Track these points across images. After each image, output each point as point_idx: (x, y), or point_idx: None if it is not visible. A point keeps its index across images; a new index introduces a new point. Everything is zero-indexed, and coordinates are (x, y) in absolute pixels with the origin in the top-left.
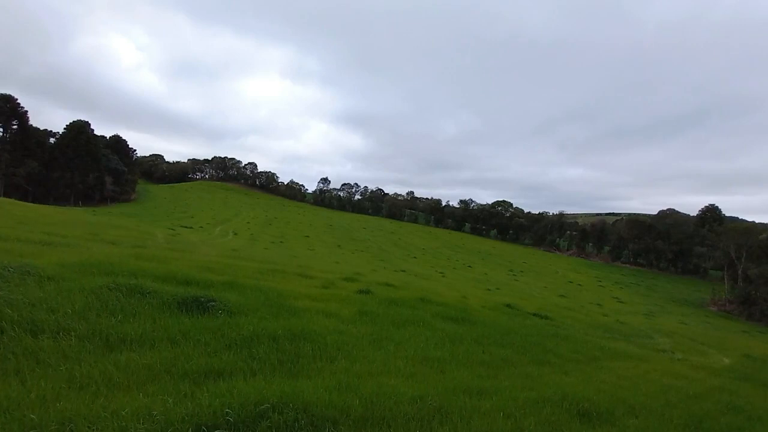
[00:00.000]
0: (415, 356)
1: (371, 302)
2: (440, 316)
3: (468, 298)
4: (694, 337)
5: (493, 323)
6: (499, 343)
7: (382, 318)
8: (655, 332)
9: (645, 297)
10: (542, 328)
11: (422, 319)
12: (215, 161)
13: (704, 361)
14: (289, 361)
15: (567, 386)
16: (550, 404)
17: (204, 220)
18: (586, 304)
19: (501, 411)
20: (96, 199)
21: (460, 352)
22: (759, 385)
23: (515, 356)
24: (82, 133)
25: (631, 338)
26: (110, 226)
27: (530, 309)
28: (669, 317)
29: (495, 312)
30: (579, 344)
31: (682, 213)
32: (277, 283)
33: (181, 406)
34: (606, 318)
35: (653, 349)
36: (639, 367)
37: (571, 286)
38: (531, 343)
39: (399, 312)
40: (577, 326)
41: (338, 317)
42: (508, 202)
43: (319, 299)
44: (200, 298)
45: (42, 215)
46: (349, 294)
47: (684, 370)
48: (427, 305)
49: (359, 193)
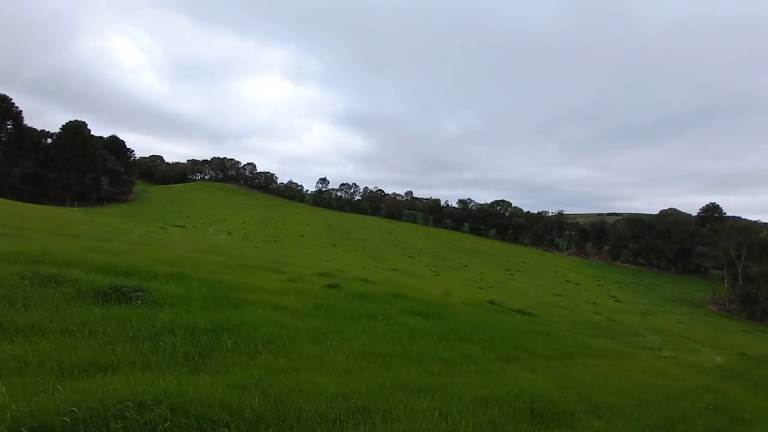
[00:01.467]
0: (360, 351)
1: (335, 296)
2: (409, 311)
3: (451, 295)
4: (687, 336)
5: (467, 319)
6: (466, 338)
7: (339, 312)
8: (647, 330)
9: (644, 296)
10: (521, 324)
11: (386, 314)
12: (214, 162)
13: (694, 359)
14: (198, 354)
15: (528, 384)
16: (501, 403)
17: (199, 220)
18: (581, 303)
19: (439, 410)
20: (93, 199)
21: (416, 347)
22: (750, 384)
23: (481, 352)
24: (78, 134)
25: (619, 336)
26: (85, 222)
27: (516, 306)
28: (666, 316)
29: (475, 308)
30: (557, 341)
31: (684, 213)
32: (238, 276)
33: (21, 404)
34: (597, 316)
35: (640, 347)
36: (618, 365)
37: (568, 285)
38: (503, 339)
39: (362, 306)
40: (562, 323)
41: (289, 310)
42: (507, 202)
43: (278, 293)
44: (123, 288)
45: (13, 210)
46: (314, 288)
47: (669, 369)
48: (399, 300)
49: (358, 193)
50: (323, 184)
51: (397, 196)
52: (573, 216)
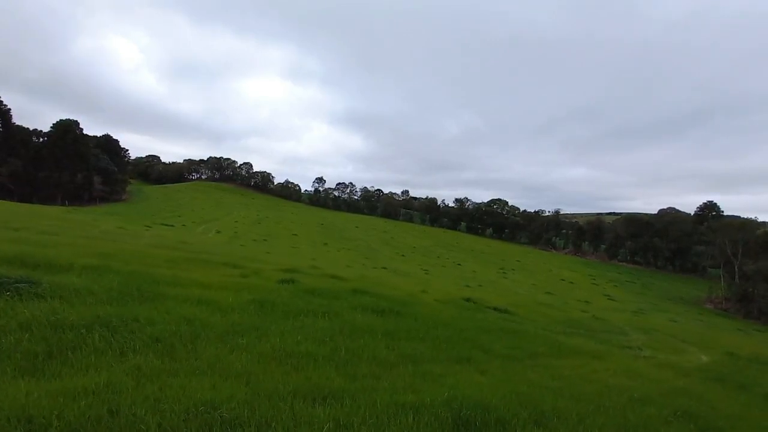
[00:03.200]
0: (275, 351)
1: (282, 292)
2: (363, 308)
3: (427, 293)
4: (675, 335)
5: (429, 317)
6: (418, 337)
7: (276, 308)
8: (634, 329)
9: (639, 295)
10: (491, 322)
11: (333, 310)
12: (211, 162)
13: (676, 359)
14: (46, 354)
15: (469, 388)
16: (422, 411)
17: (190, 219)
18: (572, 301)
19: (335, 421)
20: (85, 198)
21: (352, 346)
22: (733, 386)
23: (429, 352)
24: (69, 132)
25: (599, 334)
26: (51, 218)
27: (495, 304)
28: (659, 315)
29: (446, 306)
30: (525, 339)
31: (683, 212)
32: (178, 271)
33: None
34: (584, 314)
35: (619, 346)
36: (587, 366)
37: (562, 284)
38: (462, 338)
39: (309, 302)
40: (539, 321)
41: (214, 305)
42: (504, 201)
43: (214, 287)
44: (3, 279)
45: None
46: (265, 283)
47: (644, 369)
48: (357, 296)
49: (355, 192)
50: (320, 183)
51: (393, 195)
52: (572, 216)
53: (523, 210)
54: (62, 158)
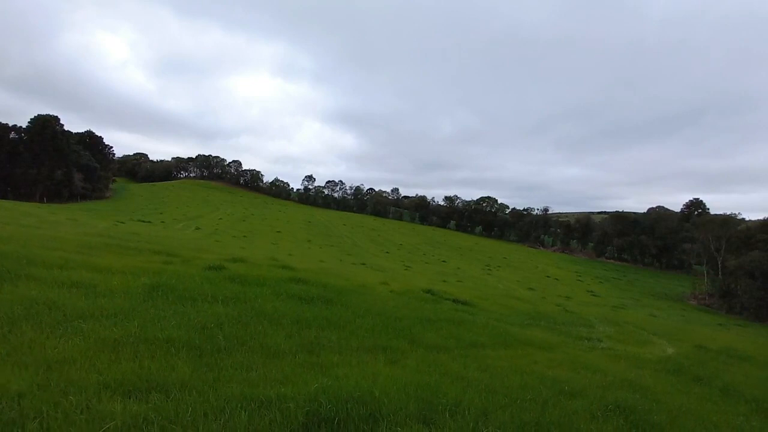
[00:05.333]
0: (122, 338)
1: (192, 278)
2: (288, 296)
3: (388, 284)
4: (647, 328)
5: (362, 305)
6: (338, 325)
7: (171, 293)
8: (603, 322)
9: (623, 291)
10: (438, 312)
11: (243, 297)
12: (199, 159)
13: (637, 351)
14: None
15: (359, 379)
16: (269, 406)
17: (172, 217)
18: (552, 297)
19: (135, 417)
20: (65, 196)
21: (236, 334)
22: (689, 379)
23: (340, 341)
24: (47, 128)
25: (560, 326)
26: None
27: (458, 296)
28: (640, 310)
29: (400, 297)
30: (470, 330)
31: (671, 210)
32: (87, 256)
33: None
34: (555, 308)
35: (576, 337)
36: (529, 356)
37: (546, 280)
38: (390, 328)
39: (218, 288)
40: (500, 313)
41: (91, 289)
42: (494, 199)
43: (112, 272)
44: None
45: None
46: (184, 270)
47: (594, 361)
48: (289, 284)
49: (344, 190)
50: (309, 181)
51: (383, 193)
52: (564, 214)
53: (513, 208)
54: (40, 154)
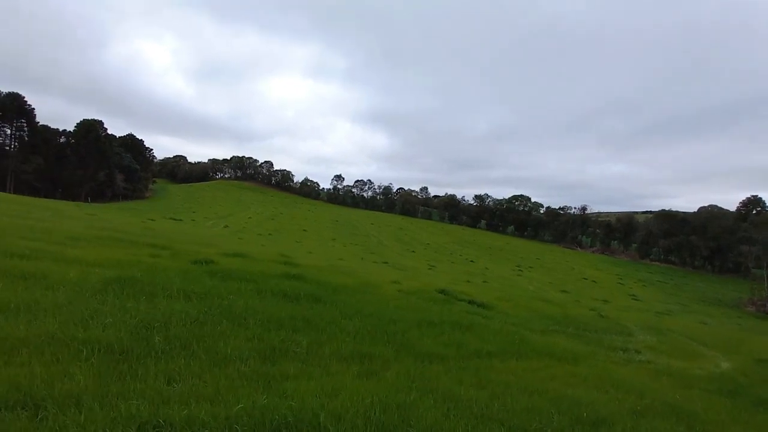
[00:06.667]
0: (35, 337)
1: (167, 271)
2: (271, 293)
3: (399, 283)
4: (696, 337)
5: (354, 305)
6: (318, 327)
7: (131, 287)
8: (644, 329)
9: (669, 296)
10: (446, 314)
11: (213, 293)
12: (234, 161)
13: (684, 365)
14: None
15: (309, 397)
16: None
17: (203, 215)
18: (587, 300)
19: None
20: (108, 196)
21: (178, 335)
22: (750, 403)
23: (312, 346)
24: (91, 131)
25: (591, 334)
26: (26, 205)
27: (479, 298)
28: (687, 317)
29: (408, 296)
30: (480, 336)
31: (725, 209)
32: (68, 247)
33: None
34: (589, 312)
35: (609, 347)
36: (546, 370)
37: (583, 282)
38: (380, 331)
39: (190, 283)
40: (520, 317)
41: (43, 281)
42: (527, 197)
43: (83, 263)
44: None
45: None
46: (168, 263)
47: (629, 377)
48: (277, 281)
49: (373, 189)
50: (338, 181)
51: (412, 193)
52: (604, 214)
53: (548, 207)
54: (85, 156)
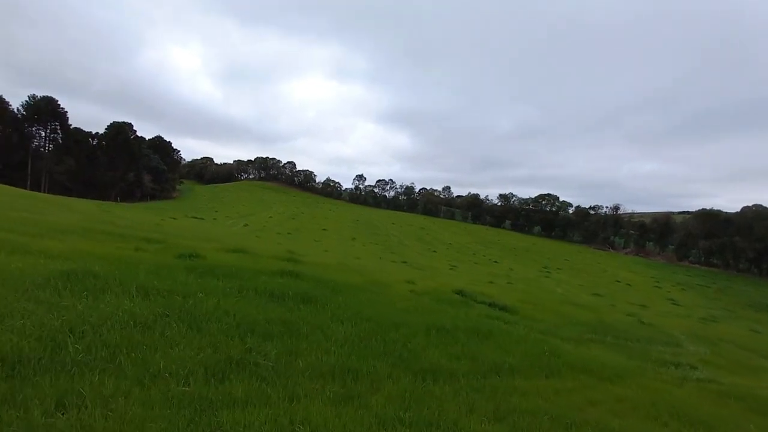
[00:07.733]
0: None
1: (142, 266)
2: (256, 291)
3: (414, 283)
4: (754, 348)
5: (353, 306)
6: (300, 334)
7: (83, 283)
8: (693, 339)
9: (712, 300)
10: (463, 319)
11: (188, 291)
12: (257, 162)
13: (749, 383)
14: None
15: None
16: None
17: (225, 214)
18: (622, 304)
19: None
20: (137, 196)
21: (111, 342)
22: None
23: (283, 359)
24: (120, 133)
25: (634, 344)
26: (46, 203)
27: (500, 300)
28: (736, 323)
29: (422, 298)
30: (500, 346)
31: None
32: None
33: None
34: (627, 318)
35: (659, 361)
36: (584, 392)
37: (616, 285)
38: (375, 340)
39: (162, 278)
40: (550, 322)
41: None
42: (554, 196)
43: (47, 255)
44: None
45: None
46: (151, 257)
47: (689, 401)
48: (269, 278)
49: (395, 189)
50: (360, 181)
51: (434, 192)
52: (638, 214)
53: (577, 206)
54: (115, 158)
